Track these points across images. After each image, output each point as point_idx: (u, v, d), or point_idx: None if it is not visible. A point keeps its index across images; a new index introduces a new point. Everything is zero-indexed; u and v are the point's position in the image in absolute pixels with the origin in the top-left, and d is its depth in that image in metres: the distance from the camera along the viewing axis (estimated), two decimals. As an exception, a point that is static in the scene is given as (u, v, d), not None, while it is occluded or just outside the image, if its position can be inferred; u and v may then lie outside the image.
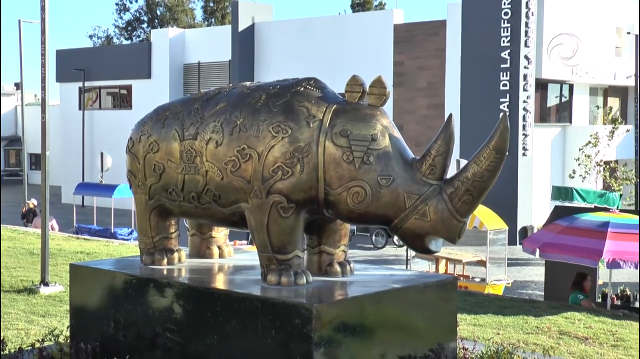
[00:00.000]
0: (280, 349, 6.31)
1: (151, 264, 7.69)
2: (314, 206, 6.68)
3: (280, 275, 6.70)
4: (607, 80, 39.86)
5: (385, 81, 6.79)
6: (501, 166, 6.42)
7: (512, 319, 13.55)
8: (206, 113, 7.17)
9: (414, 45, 37.51)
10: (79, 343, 7.58)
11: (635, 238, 14.87)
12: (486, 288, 20.68)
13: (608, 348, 11.77)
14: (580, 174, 36.20)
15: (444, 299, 7.34)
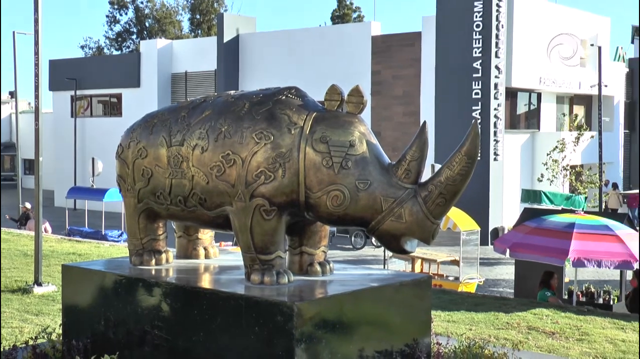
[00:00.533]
0: (263, 346, 6.31)
1: (140, 264, 7.67)
2: (295, 209, 6.69)
3: (263, 275, 6.70)
4: (572, 89, 40.11)
5: (363, 90, 6.81)
6: (472, 170, 6.45)
7: (484, 316, 13.60)
8: (192, 120, 7.17)
9: (390, 55, 37.58)
10: (71, 340, 7.56)
11: (599, 238, 14.98)
12: (459, 286, 20.73)
13: (573, 342, 11.85)
14: (548, 178, 36.41)
15: (419, 297, 7.35)
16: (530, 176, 37.51)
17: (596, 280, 20.81)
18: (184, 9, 73.54)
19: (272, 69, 40.09)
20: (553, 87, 38.60)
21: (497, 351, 7.76)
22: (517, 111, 38.52)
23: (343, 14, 70.31)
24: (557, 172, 36.62)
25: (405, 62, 37.16)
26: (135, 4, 73.53)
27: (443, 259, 22.60)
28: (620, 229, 15.42)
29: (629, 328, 12.88)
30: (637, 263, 14.65)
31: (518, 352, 8.17)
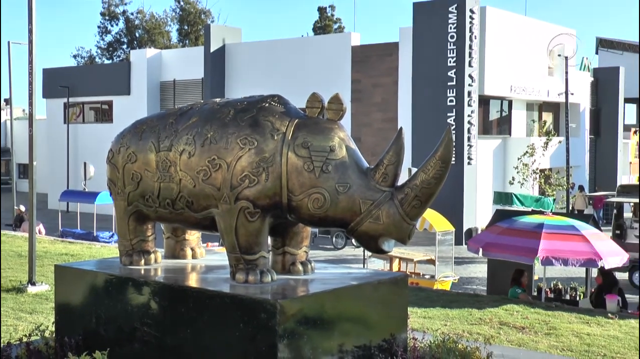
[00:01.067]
0: (247, 341, 6.31)
1: (130, 264, 7.67)
2: (278, 211, 6.69)
3: (248, 274, 6.71)
4: (541, 97, 40.33)
5: (342, 98, 6.83)
6: (446, 174, 6.47)
7: (458, 312, 13.64)
8: (180, 127, 7.16)
9: (369, 65, 37.64)
10: (63, 337, 7.54)
11: (566, 238, 15.05)
12: (435, 284, 20.76)
13: (542, 336, 11.91)
14: (519, 181, 36.54)
15: (396, 295, 7.37)
16: (502, 179, 37.65)
17: (563, 277, 20.90)
18: (173, 20, 73.46)
19: (257, 78, 40.06)
20: (523, 95, 38.80)
21: (470, 346, 7.78)
22: (489, 117, 38.67)
23: (324, 25, 70.37)
24: (527, 176, 36.76)
25: (383, 71, 37.24)
26: (125, 15, 73.37)
27: (419, 258, 22.65)
28: (585, 229, 15.51)
29: (594, 322, 12.96)
30: (602, 261, 14.74)
31: (490, 346, 8.19)
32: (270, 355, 6.13)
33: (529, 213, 18.80)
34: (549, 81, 40.42)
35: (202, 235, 8.28)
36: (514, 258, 15.62)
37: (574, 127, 42.96)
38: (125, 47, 73.09)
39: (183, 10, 72.26)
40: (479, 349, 7.75)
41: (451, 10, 34.00)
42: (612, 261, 14.97)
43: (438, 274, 21.80)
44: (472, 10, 34.06)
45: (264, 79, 39.17)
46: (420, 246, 25.86)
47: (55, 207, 42.70)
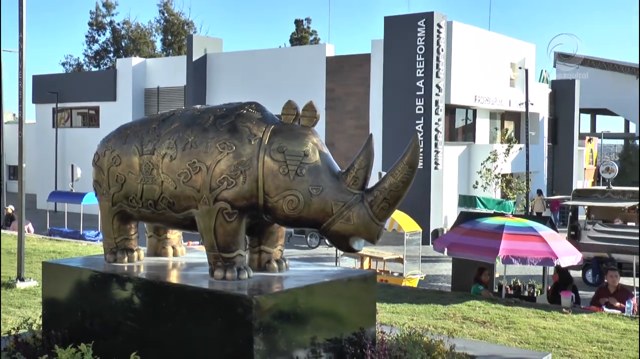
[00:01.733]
0: (225, 335, 6.30)
1: (114, 262, 7.61)
2: (254, 212, 6.69)
3: (226, 271, 6.70)
4: (503, 106, 40.60)
5: (316, 106, 6.83)
6: (413, 178, 6.49)
7: (424, 307, 13.70)
8: (162, 132, 7.14)
9: (343, 74, 37.71)
10: (50, 331, 7.48)
11: (525, 238, 15.15)
12: (403, 281, 20.83)
13: (502, 329, 12.00)
14: (482, 185, 36.81)
15: (365, 291, 7.38)
16: (466, 183, 37.87)
17: (522, 275, 21.04)
18: (157, 30, 73.16)
19: (236, 86, 40.01)
20: (487, 105, 39.05)
21: (434, 339, 7.81)
22: (455, 125, 38.89)
23: (301, 36, 70.39)
24: (490, 180, 37.05)
25: (356, 80, 37.32)
26: (112, 25, 72.95)
27: (389, 257, 22.71)
28: (543, 230, 15.62)
29: (549, 317, 13.08)
30: (557, 260, 14.86)
31: (453, 339, 8.23)
32: (247, 348, 6.12)
33: (491, 215, 18.90)
34: (511, 92, 40.73)
35: (184, 234, 8.25)
36: (476, 257, 15.71)
37: (533, 135, 43.31)
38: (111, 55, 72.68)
39: (167, 21, 72.03)
40: (442, 342, 7.78)
41: (420, 25, 34.18)
42: (567, 260, 15.09)
43: (406, 272, 21.89)
44: (439, 24, 34.26)
45: (243, 87, 39.13)
46: (389, 246, 25.92)
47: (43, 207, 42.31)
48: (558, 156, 48.79)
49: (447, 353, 7.73)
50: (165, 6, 72.08)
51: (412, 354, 7.28)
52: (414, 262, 23.39)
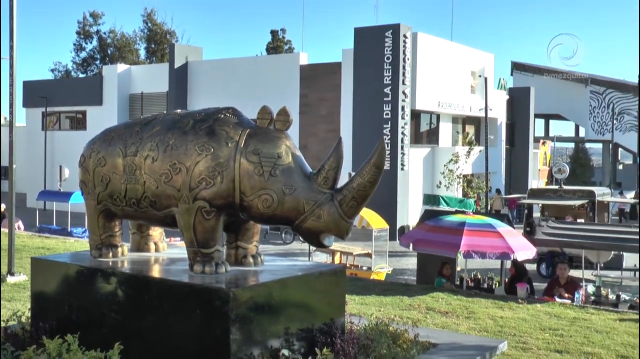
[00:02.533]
0: (204, 326, 6.27)
1: (99, 257, 7.58)
2: (231, 210, 6.67)
3: (204, 265, 6.68)
4: (465, 111, 40.82)
5: (289, 111, 6.83)
6: (379, 178, 6.51)
7: (391, 299, 13.72)
8: (144, 135, 7.10)
9: (316, 81, 37.69)
10: (38, 322, 7.43)
11: (484, 234, 15.24)
12: (371, 274, 20.84)
13: (463, 319, 12.05)
14: (445, 185, 36.97)
15: (335, 284, 7.39)
16: (430, 183, 38.00)
17: (482, 269, 21.14)
18: (141, 39, 72.74)
19: (216, 92, 39.83)
20: (449, 110, 39.22)
21: (399, 328, 7.84)
22: (420, 129, 38.99)
23: (276, 45, 70.29)
24: (452, 180, 37.23)
25: (328, 87, 37.31)
26: (99, 34, 72.48)
27: (358, 252, 22.71)
28: (501, 226, 15.72)
29: (506, 307, 13.16)
30: (514, 254, 14.96)
31: (417, 328, 8.26)
32: (224, 338, 6.10)
33: (453, 213, 18.98)
34: (471, 98, 40.96)
35: (166, 231, 8.21)
36: (439, 252, 15.75)
37: (492, 138, 43.57)
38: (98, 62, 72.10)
39: (150, 30, 71.69)
40: (407, 331, 7.81)
41: (387, 35, 34.26)
42: (523, 254, 15.21)
43: (374, 266, 21.90)
44: (405, 35, 34.36)
45: (221, 93, 38.96)
46: (358, 242, 25.94)
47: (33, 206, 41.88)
48: (515, 157, 49.15)
49: (412, 341, 7.76)
50: (149, 16, 71.91)
51: (378, 343, 7.30)
52: (382, 257, 23.42)
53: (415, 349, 7.60)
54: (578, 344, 10.57)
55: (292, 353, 6.61)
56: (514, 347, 10.29)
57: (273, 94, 36.03)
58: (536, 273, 22.62)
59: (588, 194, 28.29)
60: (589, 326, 11.80)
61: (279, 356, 6.45)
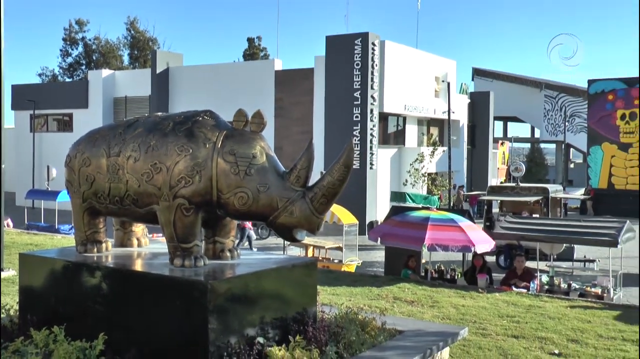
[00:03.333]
0: (184, 316, 6.25)
1: (84, 252, 7.52)
2: (209, 207, 6.65)
3: (184, 259, 6.66)
4: (429, 114, 41.02)
5: (264, 114, 6.82)
6: (348, 176, 6.52)
7: (360, 289, 13.76)
8: (127, 136, 7.05)
9: (290, 86, 37.65)
10: (26, 315, 7.35)
11: (447, 229, 15.35)
12: (342, 267, 20.87)
13: (427, 308, 12.13)
14: (411, 183, 37.15)
15: (307, 276, 7.40)
16: (397, 181, 38.17)
17: (445, 260, 21.27)
18: (125, 45, 72.13)
19: (195, 96, 39.64)
20: (415, 113, 39.40)
21: (368, 316, 7.87)
22: (387, 130, 39.13)
23: (252, 52, 70.06)
24: (418, 178, 37.41)
25: (301, 91, 37.30)
26: (84, 41, 71.77)
27: (329, 246, 22.75)
28: (462, 221, 15.85)
29: (468, 296, 13.27)
30: (474, 247, 15.08)
31: (384, 317, 8.30)
32: (203, 327, 6.09)
33: (418, 209, 19.07)
34: (435, 102, 41.18)
35: (149, 227, 8.16)
36: (405, 246, 15.84)
37: (454, 139, 43.88)
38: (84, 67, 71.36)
39: (133, 37, 71.17)
40: (375, 319, 7.85)
41: (357, 43, 34.32)
42: (483, 247, 15.35)
43: (345, 259, 21.94)
44: (373, 43, 34.46)
45: (201, 97, 38.77)
46: (330, 236, 25.98)
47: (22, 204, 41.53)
48: (475, 157, 49.53)
49: (379, 329, 7.80)
50: (132, 24, 71.42)
51: (348, 330, 7.32)
52: (352, 251, 23.47)
53: (382, 336, 7.64)
54: (533, 330, 10.70)
55: (267, 341, 6.61)
56: (474, 333, 10.39)
57: (249, 98, 35.95)
58: (495, 264, 22.82)
59: (542, 191, 28.59)
60: (542, 313, 11.94)
61: (254, 343, 6.44)
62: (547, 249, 19.51)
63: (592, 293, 16.94)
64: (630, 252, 21.23)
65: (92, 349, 6.45)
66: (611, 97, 44.23)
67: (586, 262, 23.43)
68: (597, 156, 44.62)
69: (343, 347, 7.07)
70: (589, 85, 45.65)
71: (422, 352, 7.27)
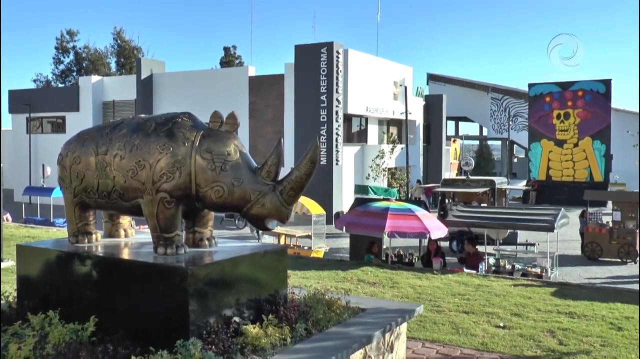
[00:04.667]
0: (166, 299, 6.21)
1: (76, 243, 7.42)
2: (188, 200, 6.61)
3: (166, 248, 6.61)
4: (389, 115, 41.22)
5: (237, 115, 6.79)
6: (314, 171, 6.53)
7: (328, 273, 13.81)
8: (114, 136, 6.98)
9: (263, 90, 37.54)
10: (23, 301, 7.23)
11: (405, 218, 15.45)
12: (311, 253, 20.93)
13: (388, 288, 12.21)
14: (373, 177, 37.33)
15: (278, 261, 7.39)
16: (360, 175, 38.31)
17: (404, 246, 21.45)
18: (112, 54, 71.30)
19: (176, 99, 39.34)
20: (376, 114, 39.56)
21: (334, 296, 7.90)
22: (351, 130, 39.25)
23: (228, 60, 69.66)
24: (379, 173, 37.61)
25: (273, 95, 37.21)
26: (75, 49, 70.86)
27: (300, 234, 22.79)
28: (419, 211, 15.97)
29: (424, 278, 13.39)
30: (430, 234, 15.21)
31: (349, 296, 8.34)
32: (184, 309, 6.05)
33: (379, 200, 19.18)
34: (394, 104, 41.39)
35: (136, 219, 8.08)
36: (368, 233, 15.93)
37: (412, 137, 44.17)
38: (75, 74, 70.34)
39: (120, 46, 70.42)
40: (340, 299, 7.87)
41: (323, 52, 34.34)
42: (437, 233, 15.49)
43: (313, 246, 22.01)
44: (338, 51, 34.49)
45: (181, 100, 38.47)
46: (300, 225, 25.99)
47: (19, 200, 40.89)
48: (430, 153, 49.93)
49: (344, 307, 7.83)
50: (119, 34, 70.75)
51: (315, 309, 7.34)
52: (320, 238, 23.54)
53: (346, 314, 7.67)
54: (481, 306, 10.84)
55: (242, 320, 6.60)
56: (430, 310, 10.50)
57: (226, 102, 35.77)
58: (448, 249, 23.08)
59: (490, 183, 28.94)
60: (489, 291, 12.11)
61: (231, 322, 6.43)
62: (493, 234, 19.77)
63: (533, 272, 17.23)
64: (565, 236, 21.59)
65: (84, 331, 6.39)
66: (548, 99, 44.88)
67: (527, 246, 23.81)
68: (536, 151, 45.26)
69: (311, 324, 7.09)
70: (529, 88, 46.27)
71: (383, 327, 7.31)
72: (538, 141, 45.06)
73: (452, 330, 9.39)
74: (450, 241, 23.60)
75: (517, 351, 8.51)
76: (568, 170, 44.02)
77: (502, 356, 8.33)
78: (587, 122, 43.56)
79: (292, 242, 22.33)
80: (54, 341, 6.27)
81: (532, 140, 45.63)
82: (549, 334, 9.24)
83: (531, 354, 8.40)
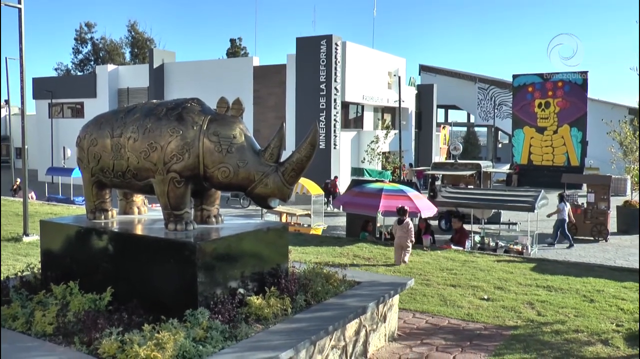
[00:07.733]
0: (177, 272, 6.20)
1: (94, 219, 7.40)
2: (197, 180, 6.57)
3: (176, 224, 6.58)
4: (383, 103, 41.10)
5: (242, 101, 6.74)
6: (313, 154, 6.49)
7: (326, 249, 13.81)
8: (128, 120, 6.92)
9: (266, 79, 37.37)
10: (47, 272, 7.25)
11: (398, 198, 15.42)
12: (311, 230, 20.93)
13: (381, 263, 12.21)
14: (368, 160, 37.26)
15: (280, 237, 7.37)
16: (356, 159, 38.27)
17: (396, 224, 21.39)
18: (127, 45, 71.00)
19: (186, 87, 39.17)
20: (371, 102, 39.42)
21: (331, 270, 7.90)
22: (348, 116, 39.14)
23: (234, 51, 69.28)
24: (374, 156, 37.53)
25: (276, 84, 37.05)
26: (92, 40, 70.58)
27: (300, 213, 22.77)
28: (410, 192, 15.93)
29: (414, 253, 13.39)
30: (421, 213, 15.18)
31: (345, 270, 8.34)
32: (193, 281, 6.04)
33: (374, 181, 19.16)
34: (388, 93, 41.22)
35: (148, 198, 8.06)
36: (363, 212, 15.91)
37: (404, 124, 44.05)
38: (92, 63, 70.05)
39: (134, 38, 70.15)
40: (337, 273, 7.87)
41: (322, 44, 34.12)
42: (427, 212, 15.46)
43: (313, 224, 22.00)
44: (336, 43, 34.27)
45: (190, 87, 38.34)
46: (300, 205, 25.98)
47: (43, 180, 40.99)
48: (422, 138, 49.83)
49: (341, 280, 7.83)
50: (133, 27, 70.50)
51: (314, 282, 7.34)
52: (319, 217, 23.55)
53: (343, 286, 7.67)
54: (467, 280, 10.85)
55: (246, 291, 6.60)
56: (420, 283, 10.51)
57: (231, 89, 35.64)
58: (437, 227, 23.10)
59: (476, 167, 28.89)
60: (475, 266, 12.11)
61: (236, 294, 6.43)
62: (479, 214, 19.76)
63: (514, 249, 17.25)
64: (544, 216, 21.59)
65: (101, 300, 6.40)
66: (530, 89, 44.67)
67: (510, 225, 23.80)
68: (519, 138, 45.14)
69: (310, 296, 7.09)
70: (513, 79, 46.03)
71: (376, 299, 7.31)
72: (521, 127, 44.93)
73: (441, 302, 9.40)
74: (439, 220, 23.60)
75: (500, 321, 8.53)
76: (548, 155, 43.95)
77: (485, 325, 8.34)
78: (565, 111, 43.43)
79: (292, 220, 22.33)
80: (74, 309, 6.28)
81: (515, 127, 45.49)
82: (528, 306, 9.25)
83: (512, 324, 8.41)
